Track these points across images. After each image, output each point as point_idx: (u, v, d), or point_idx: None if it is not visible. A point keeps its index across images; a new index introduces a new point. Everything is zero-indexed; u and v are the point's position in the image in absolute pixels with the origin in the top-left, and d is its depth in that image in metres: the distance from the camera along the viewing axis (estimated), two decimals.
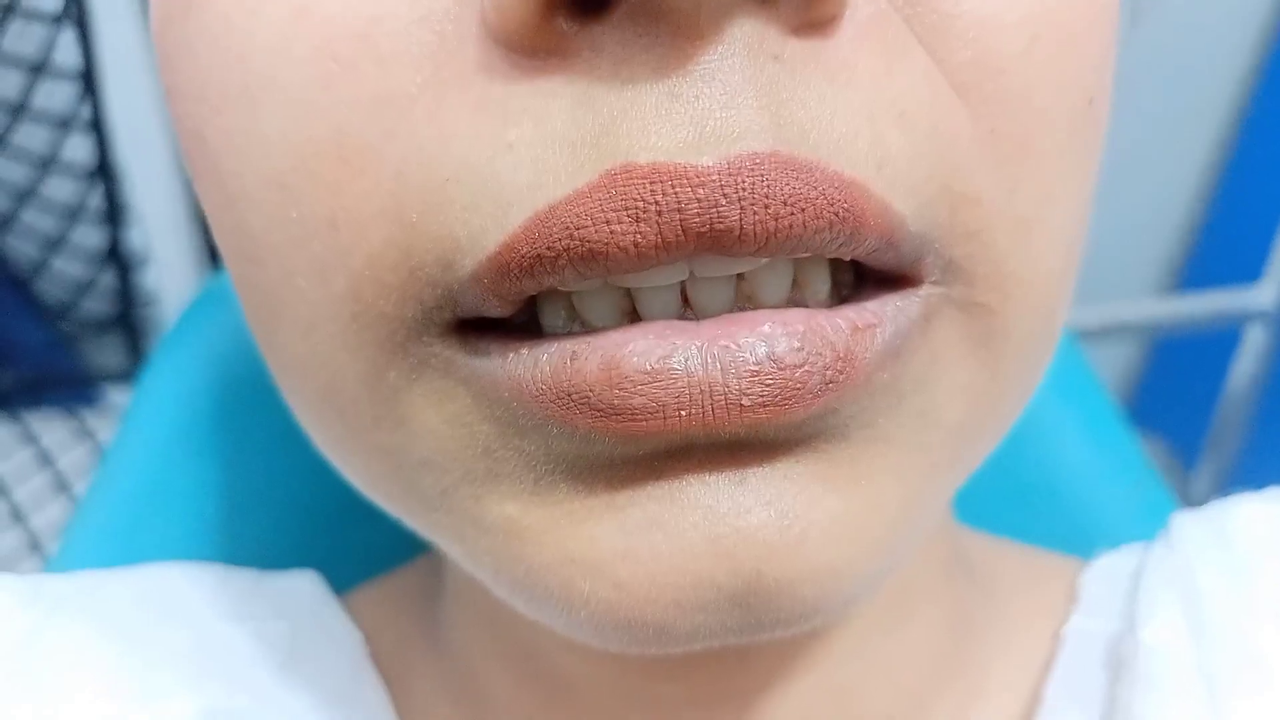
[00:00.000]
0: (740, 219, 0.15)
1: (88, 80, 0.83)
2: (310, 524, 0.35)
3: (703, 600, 0.16)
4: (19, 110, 0.82)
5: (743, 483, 0.16)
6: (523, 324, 0.18)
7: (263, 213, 0.17)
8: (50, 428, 0.92)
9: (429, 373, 0.17)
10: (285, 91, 0.16)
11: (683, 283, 0.17)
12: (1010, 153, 0.17)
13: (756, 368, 0.15)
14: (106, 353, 0.97)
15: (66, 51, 0.82)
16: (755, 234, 0.15)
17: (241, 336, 0.38)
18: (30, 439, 0.91)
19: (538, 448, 0.17)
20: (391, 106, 0.16)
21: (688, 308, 0.17)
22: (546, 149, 0.15)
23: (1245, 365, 1.00)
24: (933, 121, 0.16)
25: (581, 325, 0.17)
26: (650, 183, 0.15)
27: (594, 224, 0.15)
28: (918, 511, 0.18)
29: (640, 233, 0.15)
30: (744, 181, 0.15)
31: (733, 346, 0.16)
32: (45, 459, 0.90)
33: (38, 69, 0.82)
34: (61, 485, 0.87)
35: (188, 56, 0.18)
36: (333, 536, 0.35)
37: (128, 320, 0.95)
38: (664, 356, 0.16)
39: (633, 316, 0.17)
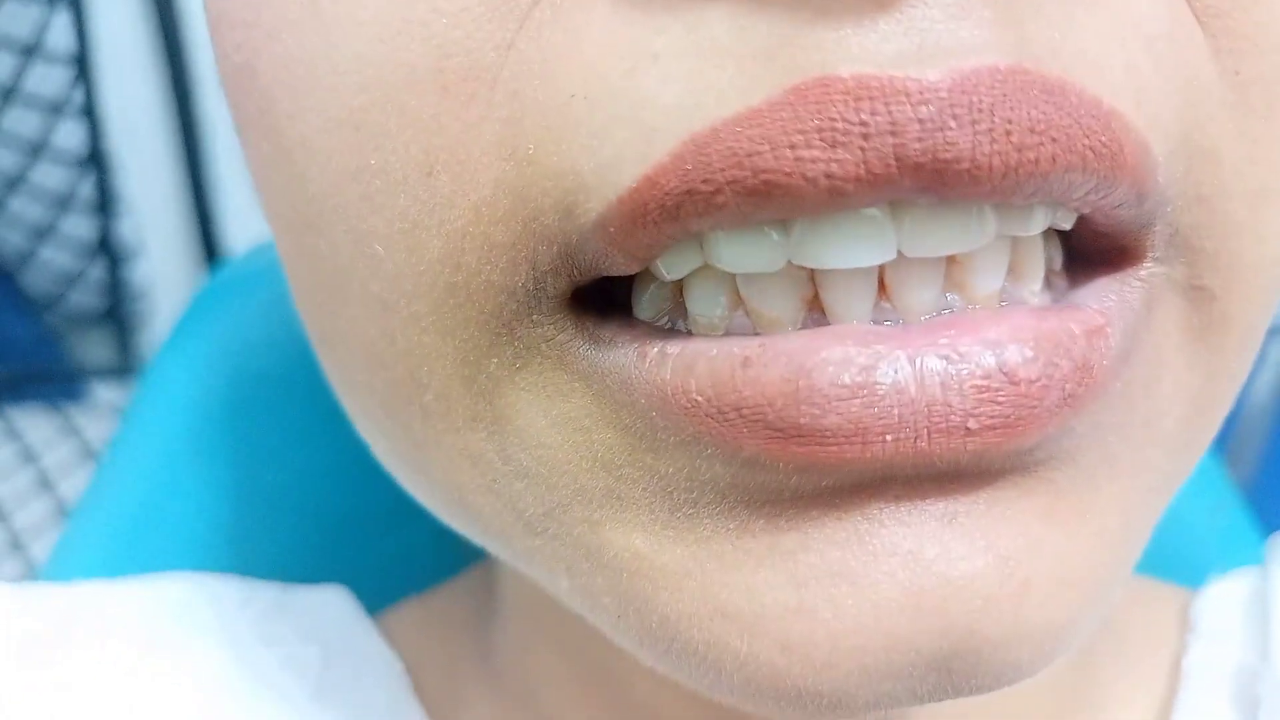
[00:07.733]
0: (973, 147, 0.12)
1: (81, 64, 0.81)
2: (334, 533, 0.32)
3: (896, 666, 0.14)
4: (9, 94, 0.80)
5: (953, 521, 0.13)
6: (656, 314, 0.15)
7: (328, 163, 0.14)
8: (34, 424, 0.89)
9: (538, 362, 0.15)
10: (365, 7, 0.13)
11: (880, 269, 0.14)
12: (1256, 105, 0.14)
13: (984, 382, 0.13)
14: (94, 347, 0.95)
15: (60, 34, 0.79)
16: (991, 168, 0.12)
17: (256, 330, 0.36)
18: (13, 435, 0.88)
19: (678, 470, 0.14)
20: (509, 13, 0.13)
21: (882, 295, 0.14)
22: (703, 61, 0.12)
23: (1266, 380, 0.99)
24: (1174, 51, 0.14)
25: (746, 316, 0.14)
26: (856, 99, 0.12)
27: (773, 149, 0.12)
28: (1137, 546, 0.16)
29: (837, 160, 0.12)
30: (981, 100, 0.12)
31: (954, 356, 0.13)
32: (28, 456, 0.87)
33: (29, 51, 0.79)
34: (45, 483, 0.84)
35: None
36: (359, 547, 0.32)
37: (116, 314, 0.92)
38: (867, 367, 0.13)
39: (813, 306, 0.14)
